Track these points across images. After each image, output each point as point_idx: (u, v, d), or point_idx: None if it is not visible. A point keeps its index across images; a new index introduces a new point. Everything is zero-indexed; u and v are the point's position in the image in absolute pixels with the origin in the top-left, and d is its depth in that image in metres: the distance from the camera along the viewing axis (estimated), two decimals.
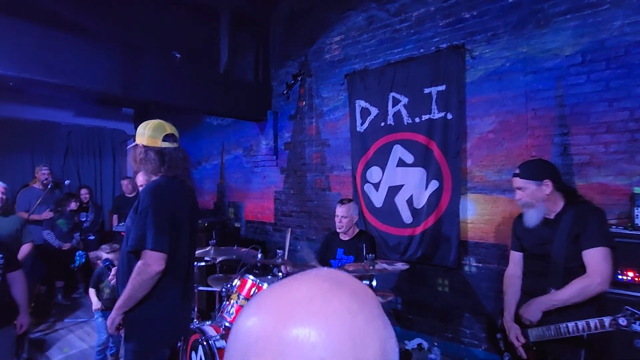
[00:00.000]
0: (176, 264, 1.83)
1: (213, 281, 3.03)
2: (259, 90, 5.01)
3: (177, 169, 1.92)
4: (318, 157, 4.49)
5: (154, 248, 1.70)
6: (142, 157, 1.88)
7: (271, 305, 0.42)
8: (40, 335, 3.96)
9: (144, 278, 1.71)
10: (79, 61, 3.44)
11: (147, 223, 1.72)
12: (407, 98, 3.66)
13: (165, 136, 1.91)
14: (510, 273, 2.16)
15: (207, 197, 6.04)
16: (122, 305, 1.75)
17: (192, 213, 1.98)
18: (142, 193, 1.80)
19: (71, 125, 6.69)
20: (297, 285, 0.45)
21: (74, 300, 5.14)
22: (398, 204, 3.75)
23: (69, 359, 3.45)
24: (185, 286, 1.92)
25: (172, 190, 1.86)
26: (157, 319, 1.81)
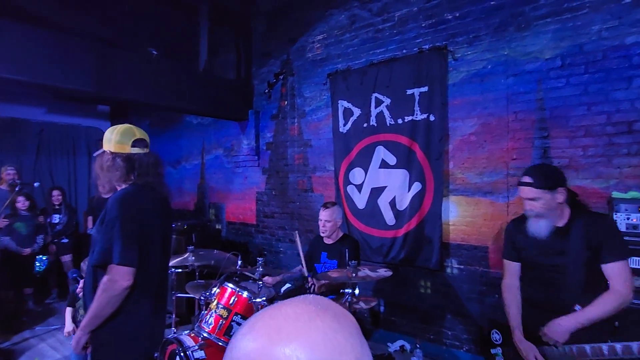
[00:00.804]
0: (147, 278, 1.72)
1: (192, 288, 2.94)
2: (240, 88, 4.90)
3: (148, 175, 1.80)
4: (300, 157, 4.43)
5: (121, 262, 1.59)
6: (109, 164, 1.76)
7: (262, 326, 0.47)
8: (9, 345, 3.78)
9: (111, 295, 1.60)
10: (49, 58, 3.27)
11: (114, 235, 1.61)
12: (389, 99, 3.63)
13: (134, 141, 1.79)
14: (509, 284, 2.00)
15: (187, 197, 5.90)
16: (87, 324, 1.64)
17: (164, 223, 1.87)
18: (109, 203, 1.69)
19: (43, 123, 6.42)
20: (285, 308, 0.50)
21: (46, 307, 4.94)
22: (381, 206, 3.72)
23: None
24: (156, 300, 1.82)
25: (142, 199, 1.75)
26: (127, 336, 1.70)
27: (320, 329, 0.46)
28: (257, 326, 0.48)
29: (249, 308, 2.40)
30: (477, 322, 3.23)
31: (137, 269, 1.65)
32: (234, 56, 5.02)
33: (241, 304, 2.41)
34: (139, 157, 1.80)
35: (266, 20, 4.81)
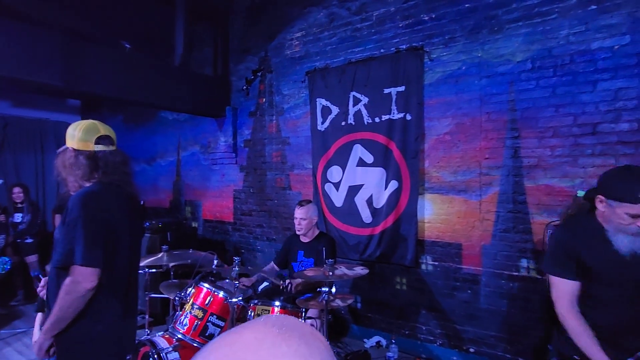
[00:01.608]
0: (114, 279, 1.67)
1: (166, 288, 2.88)
2: (217, 85, 4.82)
3: (115, 174, 1.73)
4: (278, 155, 4.41)
5: (84, 263, 1.53)
6: (72, 162, 1.68)
7: (221, 357, 0.42)
8: None
9: (74, 297, 1.54)
10: (13, 49, 3.12)
11: (77, 235, 1.55)
12: (367, 98, 3.65)
13: (98, 138, 1.72)
14: (572, 309, 1.61)
15: (162, 195, 5.77)
16: (50, 328, 1.57)
17: (132, 222, 1.81)
18: (71, 202, 1.61)
19: (7, 116, 6.11)
20: (245, 333, 0.45)
21: (11, 309, 4.73)
22: (358, 204, 3.76)
23: None
24: (126, 302, 1.77)
25: (107, 197, 1.69)
26: (94, 340, 1.65)
27: (287, 356, 0.41)
28: (215, 357, 0.43)
29: (225, 308, 2.38)
30: (450, 316, 3.32)
31: (102, 270, 1.59)
32: (212, 52, 4.92)
33: (217, 304, 2.39)
34: (104, 155, 1.73)
35: (244, 16, 4.74)
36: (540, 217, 2.85)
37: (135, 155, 5.81)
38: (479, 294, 3.14)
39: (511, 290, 3.00)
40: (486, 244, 3.09)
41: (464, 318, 3.23)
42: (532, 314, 2.89)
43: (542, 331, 2.81)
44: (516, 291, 2.97)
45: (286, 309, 2.41)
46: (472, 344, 3.19)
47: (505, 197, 3.01)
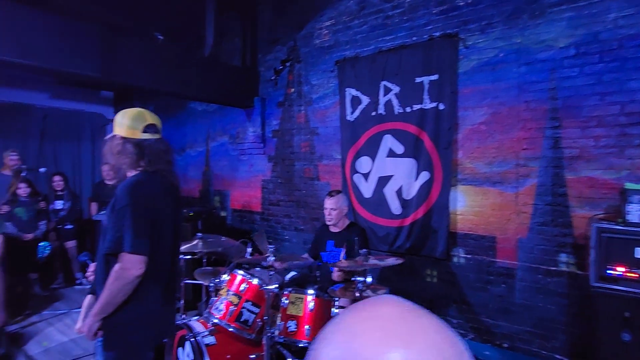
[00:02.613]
0: (157, 266, 1.72)
1: (200, 275, 2.95)
2: (246, 75, 4.85)
3: (159, 163, 1.76)
4: (307, 145, 4.41)
5: (132, 251, 1.58)
6: (120, 149, 1.72)
7: (370, 329, 0.42)
8: (17, 329, 3.83)
9: (122, 283, 1.60)
10: (55, 42, 3.23)
11: (125, 224, 1.60)
12: (398, 87, 3.59)
13: (145, 127, 1.74)
14: None
15: (192, 185, 5.90)
16: (99, 311, 1.64)
17: (175, 211, 1.85)
18: (120, 190, 1.66)
19: (47, 108, 6.37)
20: (382, 307, 0.46)
21: (53, 292, 4.98)
22: (387, 195, 3.72)
23: (49, 353, 3.35)
24: (167, 288, 1.82)
25: (153, 187, 1.73)
26: (137, 323, 1.71)
27: (433, 327, 0.42)
28: (361, 330, 0.43)
29: (259, 295, 2.42)
30: (482, 310, 3.25)
31: (148, 258, 1.64)
32: (240, 42, 4.95)
33: (252, 290, 2.42)
34: (150, 144, 1.75)
35: (273, 5, 4.73)
36: (582, 211, 2.74)
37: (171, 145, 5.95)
38: (513, 288, 3.06)
39: (548, 286, 2.91)
40: (522, 237, 3.00)
41: (498, 312, 3.17)
42: (570, 309, 2.80)
43: (581, 328, 2.72)
44: (554, 286, 2.87)
45: (320, 297, 2.42)
46: (505, 339, 3.13)
47: (543, 189, 2.91)
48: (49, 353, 3.34)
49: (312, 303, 2.40)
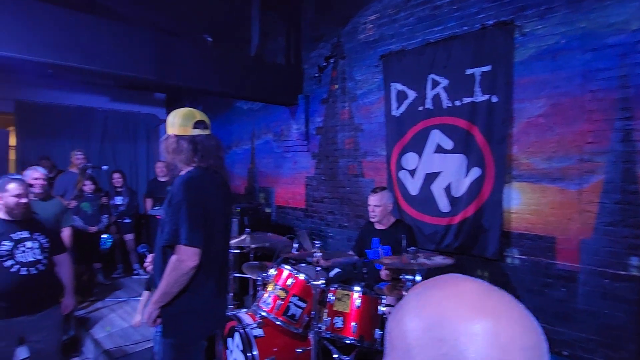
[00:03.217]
0: (211, 259, 1.79)
1: (248, 268, 3.03)
2: (290, 73, 4.90)
3: (210, 158, 1.86)
4: (351, 142, 4.37)
5: (188, 243, 1.66)
6: (175, 147, 1.83)
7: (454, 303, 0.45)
8: (84, 314, 4.15)
9: (179, 274, 1.68)
10: (114, 47, 3.44)
11: (181, 218, 1.68)
12: (447, 80, 3.45)
13: (195, 123, 1.84)
14: None
15: (238, 181, 6.08)
16: (158, 300, 1.75)
17: (226, 206, 1.93)
18: (175, 186, 1.76)
19: (107, 110, 6.86)
20: (463, 283, 0.49)
21: (114, 280, 5.36)
22: (435, 192, 3.60)
23: (112, 337, 3.60)
24: (219, 281, 1.89)
25: (206, 182, 1.81)
26: (194, 312, 1.80)
27: (513, 302, 0.45)
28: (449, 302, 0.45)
29: (306, 290, 2.44)
30: (539, 315, 3.05)
31: (202, 251, 1.71)
32: (285, 41, 5.01)
33: (298, 286, 2.45)
34: (201, 139, 1.85)
35: (316, 3, 4.74)
36: None
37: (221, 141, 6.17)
38: (575, 292, 2.84)
39: (616, 291, 2.67)
40: (586, 238, 2.78)
41: (557, 318, 2.96)
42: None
43: None
44: (623, 292, 2.63)
45: (367, 294, 2.39)
46: (565, 347, 2.92)
47: (611, 186, 2.66)
48: (112, 337, 3.59)
49: (358, 300, 2.38)
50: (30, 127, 6.05)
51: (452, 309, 0.44)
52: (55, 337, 2.72)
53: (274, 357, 2.42)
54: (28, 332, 2.55)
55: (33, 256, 2.49)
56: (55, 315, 2.70)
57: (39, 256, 2.52)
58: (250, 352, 2.35)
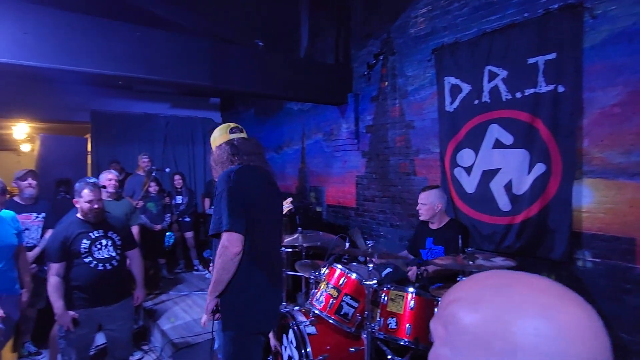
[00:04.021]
0: (259, 251, 1.88)
1: (300, 267, 3.08)
2: (339, 72, 4.90)
3: (250, 155, 2.03)
4: (402, 140, 4.28)
5: (228, 229, 1.77)
6: (219, 154, 2.04)
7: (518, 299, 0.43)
8: (151, 305, 4.48)
9: (224, 260, 1.79)
10: (174, 57, 3.67)
11: (222, 207, 1.80)
12: (506, 71, 3.25)
13: (230, 129, 2.10)
14: None
15: (289, 181, 6.20)
16: (212, 289, 1.86)
17: (270, 197, 2.02)
18: (218, 179, 1.93)
19: (168, 116, 7.35)
20: (532, 279, 0.46)
21: (176, 275, 5.72)
22: (494, 190, 3.41)
23: (176, 329, 3.84)
24: (270, 274, 1.95)
25: (246, 175, 1.93)
26: (248, 306, 1.88)
27: (579, 302, 0.43)
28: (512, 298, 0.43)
29: (358, 290, 2.42)
30: (614, 323, 2.77)
31: (246, 238, 1.80)
32: (333, 40, 5.02)
33: (350, 285, 2.44)
34: (239, 141, 2.06)
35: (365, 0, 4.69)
36: None
37: (265, 144, 6.35)
38: None
39: None
40: None
41: (636, 327, 2.67)
42: None
43: None
44: None
45: (421, 296, 2.33)
46: None
47: None
48: (176, 329, 3.84)
49: (412, 301, 2.32)
50: (103, 134, 6.65)
51: (509, 304, 0.43)
52: (128, 326, 2.97)
53: (327, 355, 2.44)
54: (105, 321, 2.81)
55: (108, 253, 2.74)
56: (128, 307, 2.94)
57: (112, 253, 2.77)
58: (304, 348, 2.39)
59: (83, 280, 2.65)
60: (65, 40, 3.06)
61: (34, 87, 5.96)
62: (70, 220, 2.72)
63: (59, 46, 3.03)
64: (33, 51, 2.93)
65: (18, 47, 2.85)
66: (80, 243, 2.63)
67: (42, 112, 6.41)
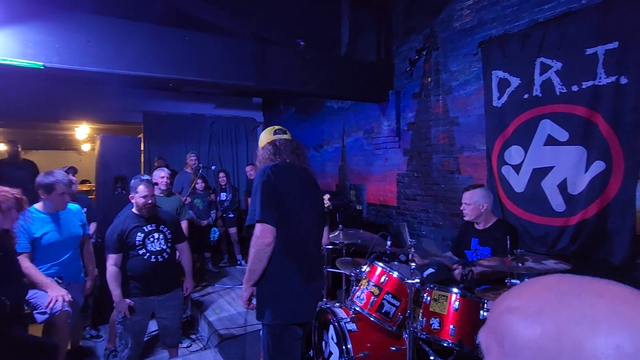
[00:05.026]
0: (292, 244, 1.93)
1: (341, 264, 3.10)
2: (380, 69, 4.85)
3: (290, 154, 2.11)
4: (445, 137, 4.16)
5: (260, 220, 1.84)
6: (262, 153, 2.14)
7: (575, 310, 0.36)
8: (198, 297, 4.70)
9: (257, 250, 1.86)
10: (220, 59, 3.81)
11: (256, 199, 1.89)
12: (560, 63, 3.06)
13: (274, 131, 2.21)
14: None
15: (329, 179, 6.23)
16: (247, 278, 1.95)
17: (307, 193, 2.07)
18: (255, 175, 2.03)
19: (213, 116, 7.64)
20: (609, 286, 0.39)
21: (221, 269, 5.95)
22: (546, 189, 3.22)
23: (221, 320, 4.00)
24: (305, 268, 1.98)
25: (281, 171, 1.99)
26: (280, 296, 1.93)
27: None
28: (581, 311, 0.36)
29: (400, 289, 2.40)
30: None
31: (278, 231, 1.87)
32: (374, 37, 4.97)
33: (392, 283, 2.42)
34: (281, 142, 2.15)
35: None
36: None
37: (305, 143, 6.43)
38: None
39: None
40: None
41: None
42: None
43: None
44: None
45: (466, 297, 2.26)
46: None
47: None
48: (221, 320, 4.00)
49: (457, 302, 2.26)
50: (154, 133, 7.05)
51: (579, 315, 0.36)
52: (177, 315, 3.15)
53: (368, 352, 2.43)
54: (157, 310, 2.99)
55: (159, 246, 2.91)
56: (178, 297, 3.11)
57: (164, 245, 2.94)
58: (345, 345, 2.40)
59: (137, 270, 2.84)
60: (122, 47, 3.28)
61: (93, 91, 6.44)
62: (126, 215, 2.92)
63: (117, 52, 3.25)
64: (95, 58, 3.17)
65: (82, 55, 3.10)
66: (135, 236, 2.82)
67: (100, 114, 6.91)
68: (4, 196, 2.17)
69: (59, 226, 2.82)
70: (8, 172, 5.47)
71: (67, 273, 2.85)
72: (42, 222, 2.75)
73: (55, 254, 2.80)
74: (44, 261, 2.72)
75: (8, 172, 5.45)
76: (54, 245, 2.77)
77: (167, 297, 2.99)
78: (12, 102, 5.80)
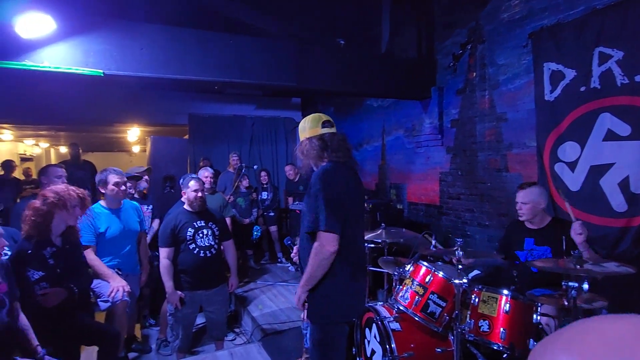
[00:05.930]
0: (348, 246, 1.91)
1: (383, 263, 3.07)
2: (421, 66, 4.76)
3: (340, 151, 2.00)
4: (492, 133, 4.00)
5: (326, 229, 1.80)
6: (308, 148, 2.02)
7: None
8: (241, 292, 4.84)
9: (321, 258, 1.83)
10: (263, 61, 3.90)
11: (319, 206, 1.83)
12: (622, 52, 2.85)
13: (322, 123, 2.04)
14: None
15: (368, 178, 6.19)
16: (305, 283, 1.93)
17: (358, 196, 2.04)
18: (313, 178, 1.94)
19: (254, 117, 7.83)
20: None
21: (262, 266, 6.09)
22: (605, 188, 3.01)
23: (264, 315, 4.10)
24: (355, 268, 1.98)
25: (340, 174, 1.95)
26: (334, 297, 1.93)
27: None
28: None
29: (446, 289, 2.34)
30: None
31: (340, 237, 1.83)
32: (415, 33, 4.88)
33: (437, 283, 2.37)
34: (330, 136, 2.03)
35: None
36: None
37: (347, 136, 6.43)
38: None
39: None
40: None
41: None
42: None
43: None
44: None
45: (518, 299, 2.17)
46: None
47: None
48: (264, 316, 4.09)
49: (507, 305, 2.17)
50: (199, 135, 7.34)
51: None
52: (223, 309, 3.27)
53: (412, 352, 2.40)
54: (205, 303, 3.12)
55: (208, 242, 3.04)
56: (224, 292, 3.23)
57: (212, 242, 3.06)
58: (388, 344, 2.38)
59: (187, 264, 2.98)
60: (172, 52, 3.45)
61: (142, 95, 6.82)
62: (178, 211, 3.07)
63: (167, 58, 3.43)
64: (147, 64, 3.36)
65: (137, 61, 3.30)
66: (186, 231, 2.96)
67: (149, 117, 7.30)
68: (70, 195, 2.36)
69: (120, 221, 3.03)
70: (70, 172, 5.91)
71: (125, 265, 3.05)
72: (106, 218, 2.97)
73: (116, 248, 3.00)
74: (106, 254, 2.93)
75: (70, 173, 5.89)
76: (116, 239, 2.98)
77: (214, 292, 3.11)
78: (72, 107, 6.28)
